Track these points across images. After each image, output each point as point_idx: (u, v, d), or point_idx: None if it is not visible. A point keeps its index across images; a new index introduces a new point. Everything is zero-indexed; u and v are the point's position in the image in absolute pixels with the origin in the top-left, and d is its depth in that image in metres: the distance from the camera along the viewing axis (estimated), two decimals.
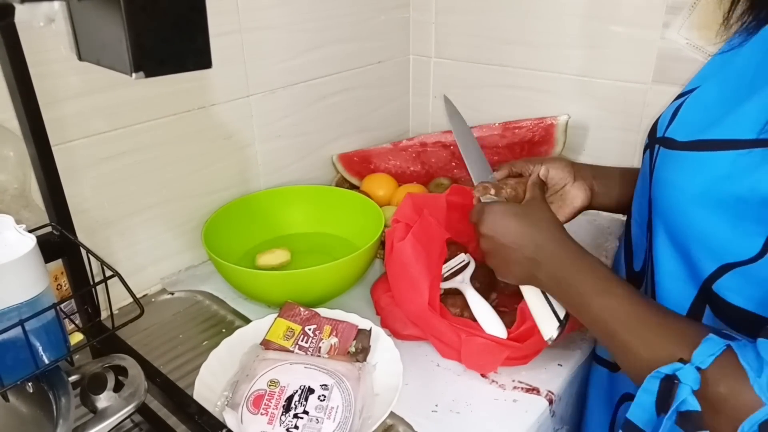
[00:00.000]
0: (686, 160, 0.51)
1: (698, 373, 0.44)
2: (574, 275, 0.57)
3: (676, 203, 0.51)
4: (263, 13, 0.91)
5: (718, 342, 0.45)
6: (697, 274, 0.51)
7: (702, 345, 0.45)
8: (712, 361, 0.44)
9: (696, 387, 0.44)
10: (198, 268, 0.93)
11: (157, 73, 0.41)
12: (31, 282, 0.47)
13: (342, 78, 1.09)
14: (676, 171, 0.51)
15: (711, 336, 0.45)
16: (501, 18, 1.08)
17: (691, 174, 0.50)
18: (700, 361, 0.45)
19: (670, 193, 0.52)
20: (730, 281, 0.48)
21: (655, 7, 0.91)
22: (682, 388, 0.44)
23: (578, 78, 1.03)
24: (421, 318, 0.71)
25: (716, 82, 0.55)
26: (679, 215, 0.51)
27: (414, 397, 0.67)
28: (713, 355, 0.44)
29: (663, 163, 0.54)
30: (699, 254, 0.50)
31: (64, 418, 0.47)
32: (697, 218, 0.49)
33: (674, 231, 0.52)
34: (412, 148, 1.16)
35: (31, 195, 0.67)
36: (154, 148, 0.83)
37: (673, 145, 0.53)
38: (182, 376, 0.71)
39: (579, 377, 0.73)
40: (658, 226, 0.55)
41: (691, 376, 0.44)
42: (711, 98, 0.53)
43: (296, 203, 0.99)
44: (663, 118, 0.58)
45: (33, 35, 0.60)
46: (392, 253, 0.73)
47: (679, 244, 0.52)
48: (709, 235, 0.48)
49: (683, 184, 0.50)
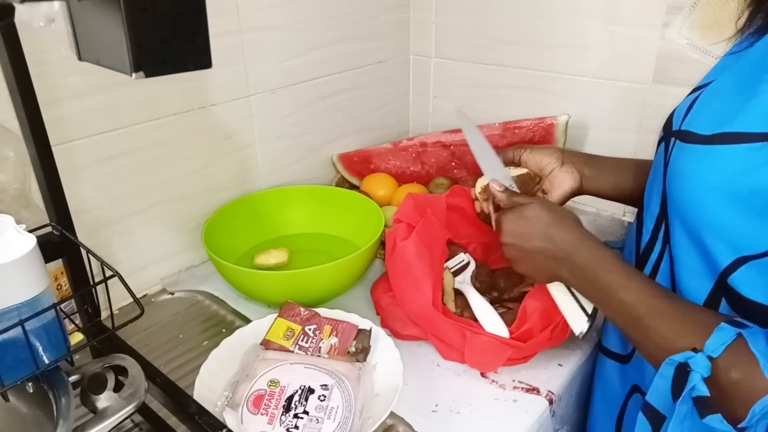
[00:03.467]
0: (703, 154, 0.51)
1: (709, 361, 0.47)
2: (595, 270, 0.58)
3: (693, 196, 0.51)
4: (263, 13, 0.91)
5: (729, 331, 0.47)
6: (713, 266, 0.52)
7: (714, 334, 0.47)
8: (723, 349, 0.46)
9: (706, 374, 0.46)
10: (198, 268, 0.93)
11: (157, 73, 0.41)
12: (31, 282, 0.47)
13: (342, 78, 1.09)
14: (692, 164, 0.52)
15: (723, 325, 0.47)
16: (501, 18, 1.08)
17: (707, 167, 0.50)
18: (711, 350, 0.47)
19: (687, 185, 0.52)
20: (746, 274, 0.49)
21: (655, 7, 0.91)
22: (693, 375, 0.47)
23: (578, 78, 1.03)
24: (424, 317, 0.71)
25: (730, 76, 0.55)
26: (696, 208, 0.51)
27: (414, 397, 0.67)
28: (724, 344, 0.46)
29: (679, 156, 0.54)
30: (715, 247, 0.51)
31: (64, 418, 0.47)
32: (714, 211, 0.49)
33: (690, 223, 0.53)
34: (412, 148, 1.16)
35: (31, 195, 0.67)
36: (154, 148, 0.83)
37: (690, 138, 0.54)
38: (182, 376, 0.71)
39: (579, 377, 0.73)
40: (674, 218, 0.55)
41: (702, 364, 0.47)
42: (725, 92, 0.54)
43: (296, 203, 0.99)
44: (678, 112, 0.58)
45: (33, 35, 0.60)
46: (394, 252, 0.73)
47: (695, 237, 0.53)
48: (726, 228, 0.49)
49: (700, 176, 0.50)
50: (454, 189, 0.83)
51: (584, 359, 0.74)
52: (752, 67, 0.52)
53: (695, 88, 0.59)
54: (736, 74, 0.54)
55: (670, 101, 0.60)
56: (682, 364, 0.48)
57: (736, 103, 0.50)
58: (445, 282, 0.76)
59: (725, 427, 0.46)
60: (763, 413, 0.44)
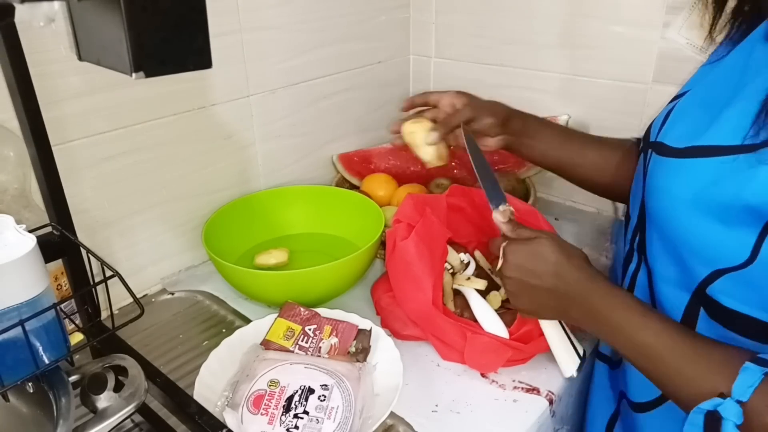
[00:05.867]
0: (676, 167, 0.51)
1: (740, 407, 0.44)
2: (610, 312, 0.55)
3: (668, 210, 0.51)
4: (263, 13, 0.91)
5: (755, 371, 0.45)
6: (690, 278, 0.51)
7: (740, 376, 0.45)
8: (752, 392, 0.44)
9: (739, 421, 0.44)
10: (198, 268, 0.93)
11: (157, 73, 0.41)
12: (31, 282, 0.47)
13: (342, 78, 1.09)
14: (666, 178, 0.52)
15: (747, 365, 0.45)
16: (501, 18, 1.08)
17: (680, 181, 0.50)
18: (740, 394, 0.45)
19: (662, 199, 0.52)
20: (724, 285, 0.48)
21: (655, 7, 0.91)
22: (725, 424, 0.44)
23: (578, 78, 1.03)
24: (425, 317, 0.71)
25: (702, 88, 0.55)
26: (671, 221, 0.51)
27: (414, 397, 0.67)
28: (752, 386, 0.44)
29: (654, 170, 0.54)
30: (692, 259, 0.50)
31: (64, 418, 0.47)
32: (689, 224, 0.49)
33: (667, 236, 0.53)
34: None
35: (31, 195, 0.67)
36: (154, 148, 0.83)
37: (663, 150, 0.54)
38: (182, 376, 0.71)
39: (579, 377, 0.73)
40: (652, 230, 0.55)
41: (733, 410, 0.44)
42: (698, 104, 0.54)
43: (296, 203, 0.99)
44: (656, 122, 0.59)
45: (33, 35, 0.60)
46: (395, 252, 0.73)
47: (672, 249, 0.53)
48: (701, 241, 0.49)
49: (674, 190, 0.50)
50: (453, 188, 0.83)
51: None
52: (724, 79, 0.53)
53: (673, 97, 0.59)
54: (709, 85, 0.54)
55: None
56: (711, 411, 0.45)
57: (708, 116, 0.50)
58: (444, 282, 0.76)
59: None
60: None
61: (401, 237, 0.73)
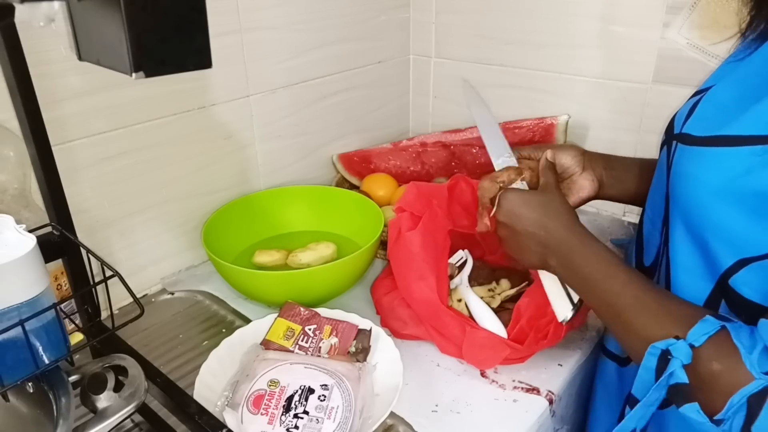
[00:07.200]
0: (705, 155, 0.51)
1: (690, 349, 0.47)
2: (582, 261, 0.58)
3: (696, 197, 0.51)
4: (263, 13, 0.91)
5: (713, 322, 0.47)
6: (714, 268, 0.52)
7: (698, 325, 0.47)
8: (705, 339, 0.46)
9: (687, 361, 0.47)
10: (198, 268, 0.93)
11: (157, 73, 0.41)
12: (31, 282, 0.47)
13: (342, 78, 1.09)
14: (695, 165, 0.52)
15: (707, 317, 0.48)
16: (501, 18, 1.08)
17: (709, 168, 0.50)
18: (694, 339, 0.47)
19: (690, 186, 0.52)
20: (747, 276, 0.49)
21: (655, 7, 0.91)
22: (673, 362, 0.47)
23: (578, 78, 1.03)
24: (427, 307, 0.71)
25: (731, 81, 0.55)
26: (698, 209, 0.51)
27: (414, 397, 0.67)
28: (707, 334, 0.47)
29: (681, 159, 0.54)
30: (717, 248, 0.51)
31: (64, 418, 0.47)
32: (716, 212, 0.49)
33: (693, 225, 0.53)
34: (412, 148, 1.16)
35: (31, 195, 0.67)
36: (154, 148, 0.83)
37: (690, 140, 0.54)
38: (182, 376, 0.71)
39: (579, 377, 0.73)
40: (676, 220, 0.56)
41: (683, 351, 0.47)
42: (726, 96, 0.54)
43: (296, 203, 0.99)
44: (680, 115, 0.58)
45: (33, 35, 0.60)
46: (399, 241, 0.72)
47: (697, 238, 0.53)
48: (728, 229, 0.49)
49: (703, 178, 0.51)
50: (455, 177, 0.83)
51: (584, 359, 0.74)
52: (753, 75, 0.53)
53: (696, 91, 0.59)
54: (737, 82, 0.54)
55: (670, 101, 0.61)
56: (665, 352, 0.48)
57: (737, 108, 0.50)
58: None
59: (701, 417, 0.46)
60: (740, 405, 0.44)
61: (406, 227, 0.72)
